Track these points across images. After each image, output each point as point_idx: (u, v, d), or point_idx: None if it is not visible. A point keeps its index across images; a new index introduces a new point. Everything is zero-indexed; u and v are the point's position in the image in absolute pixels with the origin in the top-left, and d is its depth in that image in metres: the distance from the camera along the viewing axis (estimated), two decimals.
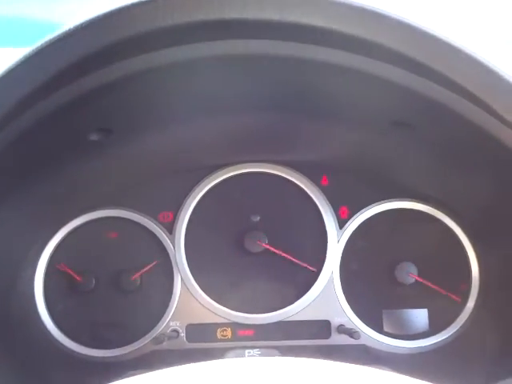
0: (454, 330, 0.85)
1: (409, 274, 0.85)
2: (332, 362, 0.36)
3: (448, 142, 0.68)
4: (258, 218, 0.88)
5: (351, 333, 0.83)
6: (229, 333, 0.86)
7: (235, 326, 0.86)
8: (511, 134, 0.55)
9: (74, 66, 0.55)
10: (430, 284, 0.85)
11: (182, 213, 0.87)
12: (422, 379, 0.37)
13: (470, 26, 1.02)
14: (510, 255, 0.76)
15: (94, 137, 0.73)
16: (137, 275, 0.86)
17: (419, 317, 0.86)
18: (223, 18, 0.52)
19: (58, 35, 0.53)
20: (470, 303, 0.85)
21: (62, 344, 0.84)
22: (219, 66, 0.64)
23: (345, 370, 0.35)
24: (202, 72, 0.66)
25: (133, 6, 0.51)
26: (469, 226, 0.84)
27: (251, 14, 0.51)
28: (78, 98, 0.61)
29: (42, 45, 0.53)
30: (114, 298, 0.86)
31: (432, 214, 0.86)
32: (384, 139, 0.76)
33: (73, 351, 0.84)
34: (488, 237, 0.81)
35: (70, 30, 0.52)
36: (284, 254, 0.86)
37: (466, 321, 0.84)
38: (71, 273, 0.85)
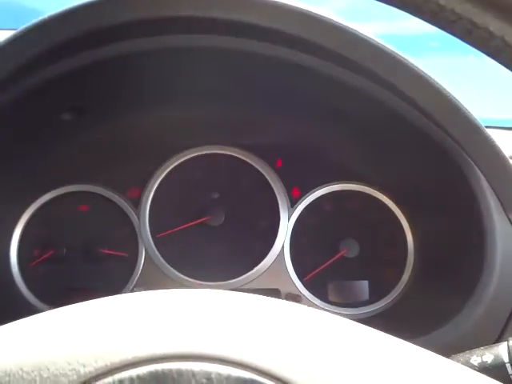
0: (392, 298, 0.94)
1: (351, 248, 0.95)
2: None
3: (376, 127, 0.78)
4: (217, 196, 0.97)
5: (297, 299, 0.92)
6: None
7: None
8: (418, 116, 0.65)
9: (49, 51, 0.62)
10: (370, 257, 0.94)
11: (148, 189, 0.95)
12: None
13: None
14: (440, 226, 0.85)
15: (66, 116, 0.80)
16: (104, 246, 0.94)
17: (361, 287, 0.96)
18: (180, 14, 0.61)
19: (37, 22, 0.61)
20: (406, 274, 0.94)
21: (34, 306, 0.91)
22: (178, 57, 0.73)
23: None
24: (164, 62, 0.74)
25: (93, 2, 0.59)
26: (403, 204, 0.93)
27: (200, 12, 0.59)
28: (52, 80, 0.69)
29: (21, 30, 0.61)
30: (83, 266, 0.94)
31: (372, 194, 0.95)
32: (325, 127, 0.85)
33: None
34: (420, 211, 0.90)
35: (50, 16, 0.60)
36: (240, 229, 0.95)
37: (403, 289, 0.94)
38: (43, 243, 0.93)
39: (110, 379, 0.27)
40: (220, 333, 0.30)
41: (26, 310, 0.91)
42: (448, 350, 0.52)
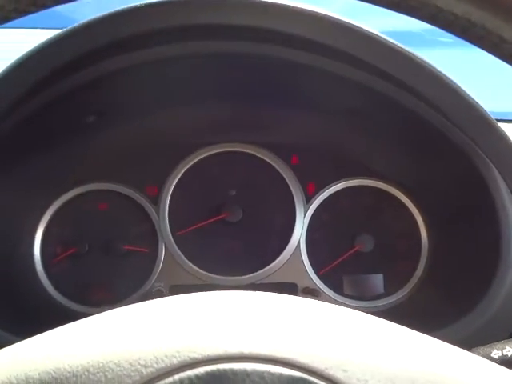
0: (406, 292, 0.96)
1: (366, 243, 0.97)
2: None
3: (390, 125, 0.80)
4: (234, 193, 0.99)
5: (314, 293, 0.94)
6: None
7: (213, 287, 0.97)
8: (436, 117, 0.67)
9: (76, 60, 0.65)
10: (385, 252, 0.97)
11: (167, 186, 0.97)
12: None
13: None
14: (454, 222, 0.87)
15: (90, 119, 0.83)
16: (125, 242, 0.96)
17: (375, 281, 0.98)
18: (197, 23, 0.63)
19: (66, 32, 0.63)
20: (420, 269, 0.96)
21: (57, 301, 0.94)
22: (197, 63, 0.75)
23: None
24: (181, 67, 0.77)
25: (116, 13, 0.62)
26: (419, 201, 0.95)
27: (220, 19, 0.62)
28: (77, 86, 0.71)
29: (51, 39, 0.63)
30: (105, 262, 0.96)
31: (386, 189, 0.97)
32: (342, 125, 0.87)
33: (67, 308, 0.94)
34: (434, 207, 0.92)
35: (74, 28, 0.63)
36: (257, 225, 0.98)
37: (417, 283, 0.96)
38: (66, 240, 0.96)
39: (170, 379, 0.30)
40: (271, 334, 0.32)
41: (50, 306, 0.94)
42: (462, 344, 0.54)
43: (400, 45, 0.66)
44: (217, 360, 0.30)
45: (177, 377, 0.30)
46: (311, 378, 0.30)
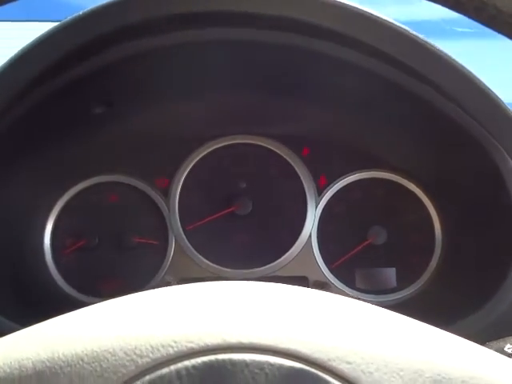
0: (419, 286, 0.95)
1: (379, 236, 0.95)
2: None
3: (409, 119, 0.78)
4: (245, 185, 0.98)
5: (325, 286, 0.93)
6: None
7: (223, 280, 0.96)
8: (453, 109, 0.65)
9: (82, 48, 0.64)
10: (397, 245, 0.95)
11: (177, 179, 0.96)
12: None
13: None
14: (468, 215, 0.86)
15: (98, 110, 0.82)
16: (135, 235, 0.95)
17: (388, 275, 0.96)
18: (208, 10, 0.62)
19: (69, 20, 0.62)
20: (433, 262, 0.94)
21: (66, 292, 0.94)
22: (212, 51, 0.73)
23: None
24: (192, 56, 0.75)
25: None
26: (431, 193, 0.94)
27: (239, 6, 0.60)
28: (84, 76, 0.70)
29: (58, 26, 0.62)
30: (115, 254, 0.96)
31: (399, 182, 0.95)
32: (356, 116, 0.86)
33: (76, 299, 0.94)
34: (448, 200, 0.91)
35: (81, 14, 0.62)
36: (268, 217, 0.96)
37: (430, 277, 0.94)
38: (76, 232, 0.95)
39: (166, 370, 0.29)
40: (271, 324, 0.31)
41: (59, 298, 0.94)
42: (475, 338, 0.52)
43: (419, 35, 0.64)
44: (215, 350, 0.29)
45: (173, 367, 0.29)
46: (313, 370, 0.29)
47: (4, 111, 0.66)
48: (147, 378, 0.29)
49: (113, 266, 0.95)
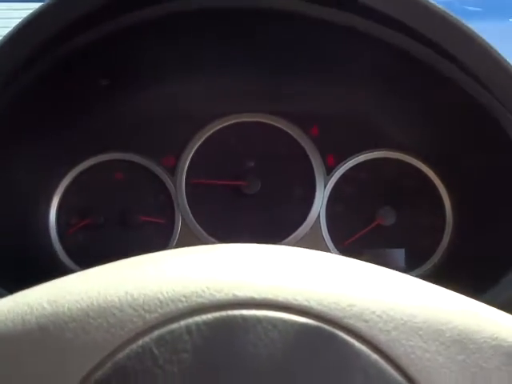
0: (428, 267, 0.93)
1: (388, 216, 0.94)
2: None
3: (423, 95, 0.76)
4: (253, 164, 0.96)
5: None
6: None
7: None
8: (470, 82, 0.63)
9: (87, 15, 0.62)
10: (407, 225, 0.94)
11: (183, 157, 0.95)
12: None
13: None
14: (479, 194, 0.84)
15: (103, 82, 0.81)
16: (141, 213, 0.94)
17: (397, 255, 0.95)
18: None
19: None
20: (444, 242, 0.93)
21: (71, 270, 0.93)
22: (216, 25, 0.72)
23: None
24: (199, 29, 0.74)
25: None
26: (442, 173, 0.92)
27: None
28: (85, 48, 0.69)
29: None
30: (121, 232, 0.95)
31: (409, 161, 0.94)
32: (367, 94, 0.84)
33: None
34: (459, 180, 0.89)
35: None
36: (276, 197, 0.95)
37: (440, 257, 0.93)
38: (82, 210, 0.94)
39: (176, 325, 0.28)
40: (285, 280, 0.30)
41: (64, 275, 0.93)
42: None
43: (440, 6, 0.62)
44: (226, 306, 0.28)
45: (183, 323, 0.28)
46: (328, 327, 0.28)
47: (10, 82, 0.65)
48: (156, 333, 0.27)
49: (118, 244, 0.94)
